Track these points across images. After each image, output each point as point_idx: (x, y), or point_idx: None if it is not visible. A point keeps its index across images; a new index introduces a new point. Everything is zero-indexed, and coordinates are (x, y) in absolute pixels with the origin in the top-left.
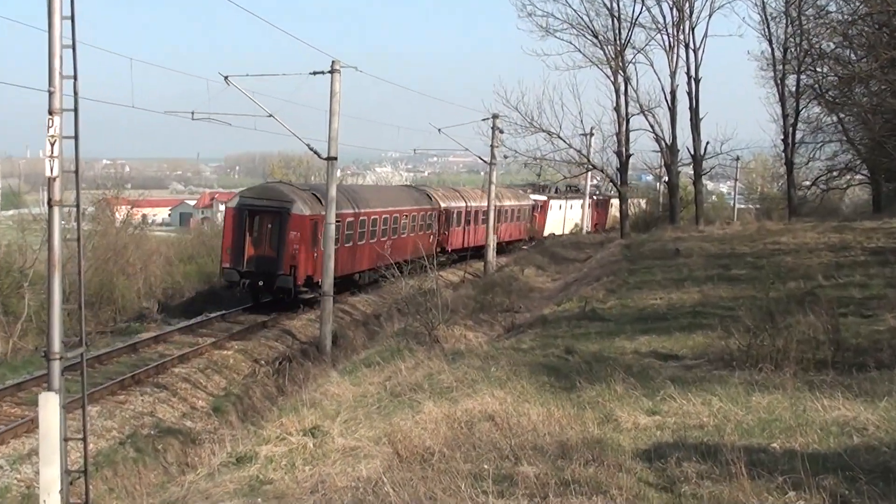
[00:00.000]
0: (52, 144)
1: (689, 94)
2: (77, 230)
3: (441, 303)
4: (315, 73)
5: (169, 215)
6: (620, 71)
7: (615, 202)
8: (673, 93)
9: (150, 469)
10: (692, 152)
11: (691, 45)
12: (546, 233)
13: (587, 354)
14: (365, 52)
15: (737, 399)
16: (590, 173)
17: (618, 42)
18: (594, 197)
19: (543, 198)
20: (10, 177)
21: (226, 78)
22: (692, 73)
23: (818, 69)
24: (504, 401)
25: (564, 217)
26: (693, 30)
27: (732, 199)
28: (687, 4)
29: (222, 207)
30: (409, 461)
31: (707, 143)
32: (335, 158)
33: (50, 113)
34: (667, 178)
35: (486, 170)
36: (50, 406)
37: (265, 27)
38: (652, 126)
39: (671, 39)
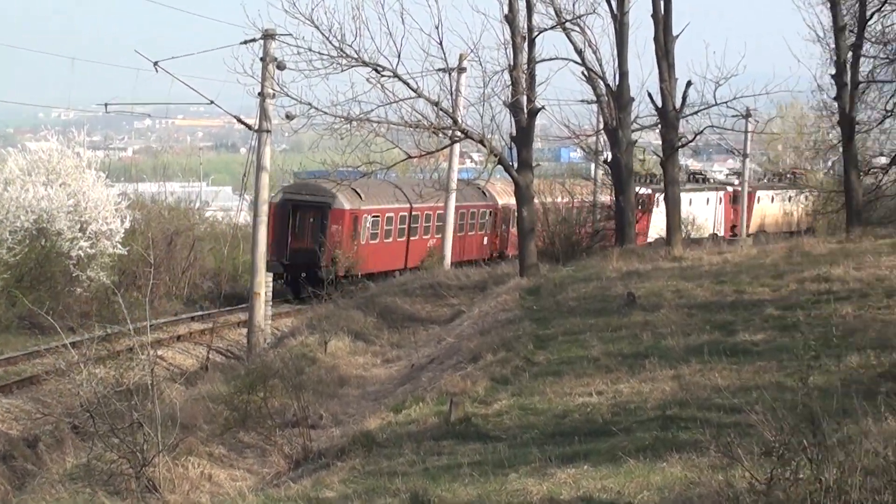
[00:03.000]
0: None
1: None
2: None
3: (163, 413)
4: None
5: None
6: None
7: (765, 195)
8: None
9: None
10: (658, 104)
11: None
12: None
13: None
14: None
15: None
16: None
17: None
18: (729, 188)
19: (647, 191)
20: None
21: None
22: None
23: None
24: None
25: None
26: None
27: (739, 195)
28: None
29: None
30: None
31: (689, 84)
32: None
33: None
34: (609, 155)
35: (247, 141)
36: None
37: None
38: (580, 52)
39: None
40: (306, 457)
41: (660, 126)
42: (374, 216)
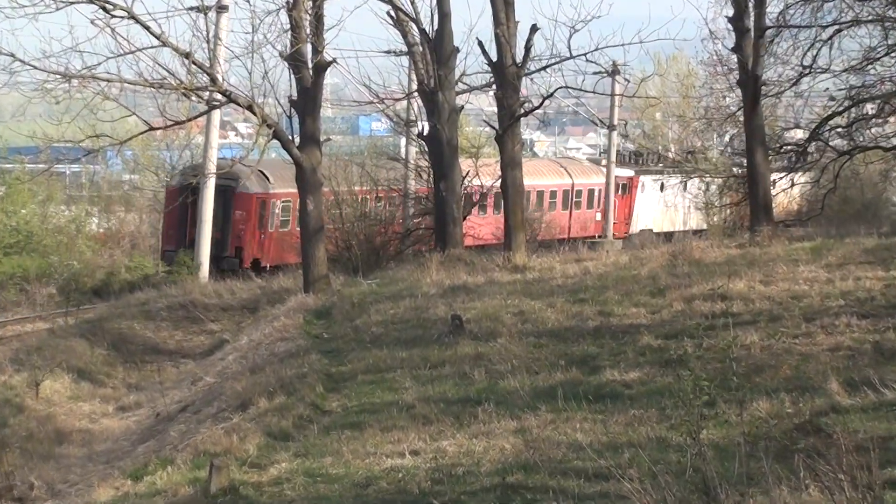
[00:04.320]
0: None
1: None
2: None
3: None
4: None
5: None
6: None
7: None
8: None
9: None
10: (493, 56)
11: None
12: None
13: None
14: None
15: None
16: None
17: None
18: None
19: (629, 172)
20: None
21: None
22: None
23: None
24: None
25: (667, 207)
26: None
27: (606, 182)
28: None
29: None
30: None
31: (535, 29)
32: None
33: None
34: (425, 126)
35: None
36: None
37: None
38: None
39: None
40: None
41: (495, 87)
42: (284, 201)
